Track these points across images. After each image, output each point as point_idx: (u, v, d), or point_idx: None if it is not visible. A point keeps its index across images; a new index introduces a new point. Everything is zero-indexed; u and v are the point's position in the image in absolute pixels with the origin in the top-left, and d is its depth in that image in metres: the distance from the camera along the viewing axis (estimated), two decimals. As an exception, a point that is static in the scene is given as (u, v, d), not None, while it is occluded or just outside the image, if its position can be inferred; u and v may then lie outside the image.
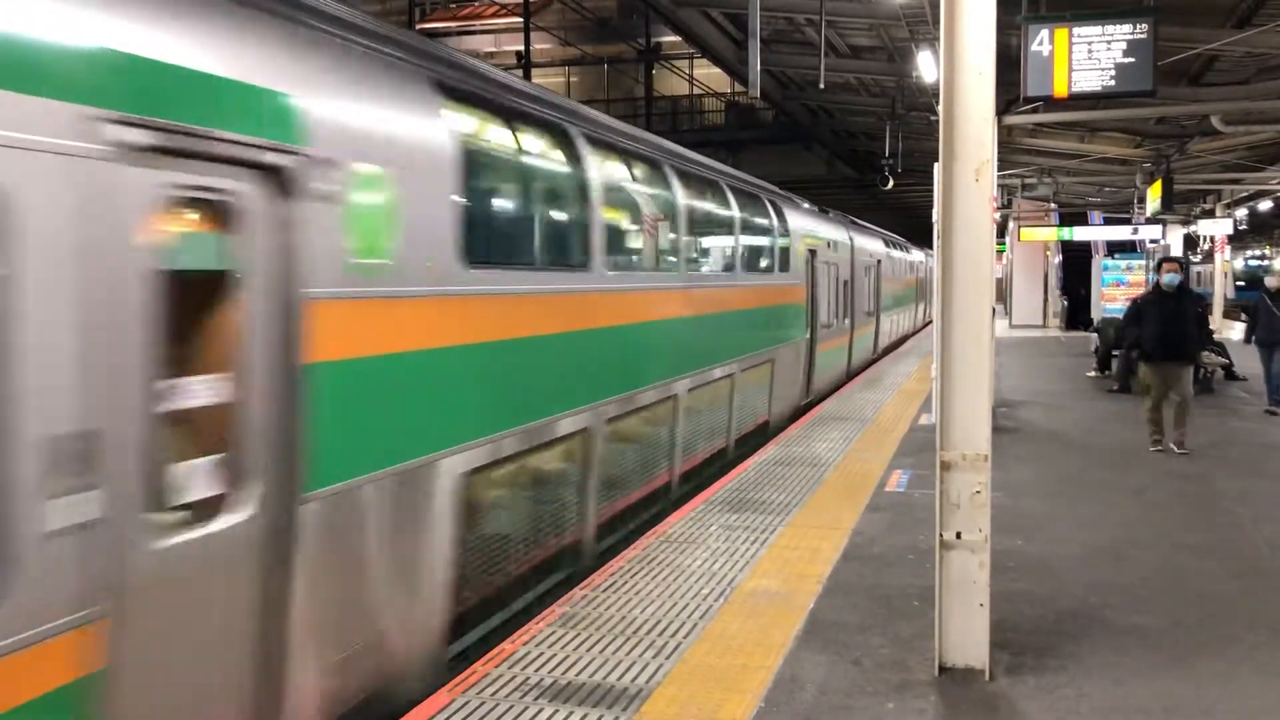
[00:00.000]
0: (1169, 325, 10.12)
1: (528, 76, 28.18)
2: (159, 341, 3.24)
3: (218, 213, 3.58)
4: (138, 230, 3.14)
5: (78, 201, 2.93)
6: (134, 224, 3.13)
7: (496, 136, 6.11)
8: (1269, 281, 13.43)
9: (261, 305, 3.68)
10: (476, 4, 36.25)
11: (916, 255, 29.84)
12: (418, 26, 33.56)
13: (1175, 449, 10.04)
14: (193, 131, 3.34)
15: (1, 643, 2.72)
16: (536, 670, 4.68)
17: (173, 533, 3.33)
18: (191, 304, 3.49)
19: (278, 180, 3.76)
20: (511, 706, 4.31)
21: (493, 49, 35.88)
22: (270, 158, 3.71)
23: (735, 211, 10.57)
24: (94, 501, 2.99)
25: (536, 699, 4.38)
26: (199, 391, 3.51)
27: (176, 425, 3.40)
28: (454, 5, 36.99)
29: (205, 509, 3.50)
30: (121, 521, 3.09)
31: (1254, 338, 13.71)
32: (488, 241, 5.55)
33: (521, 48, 28.59)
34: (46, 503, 2.85)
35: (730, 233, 10.51)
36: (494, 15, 34.54)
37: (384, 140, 4.44)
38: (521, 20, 27.55)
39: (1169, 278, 10.36)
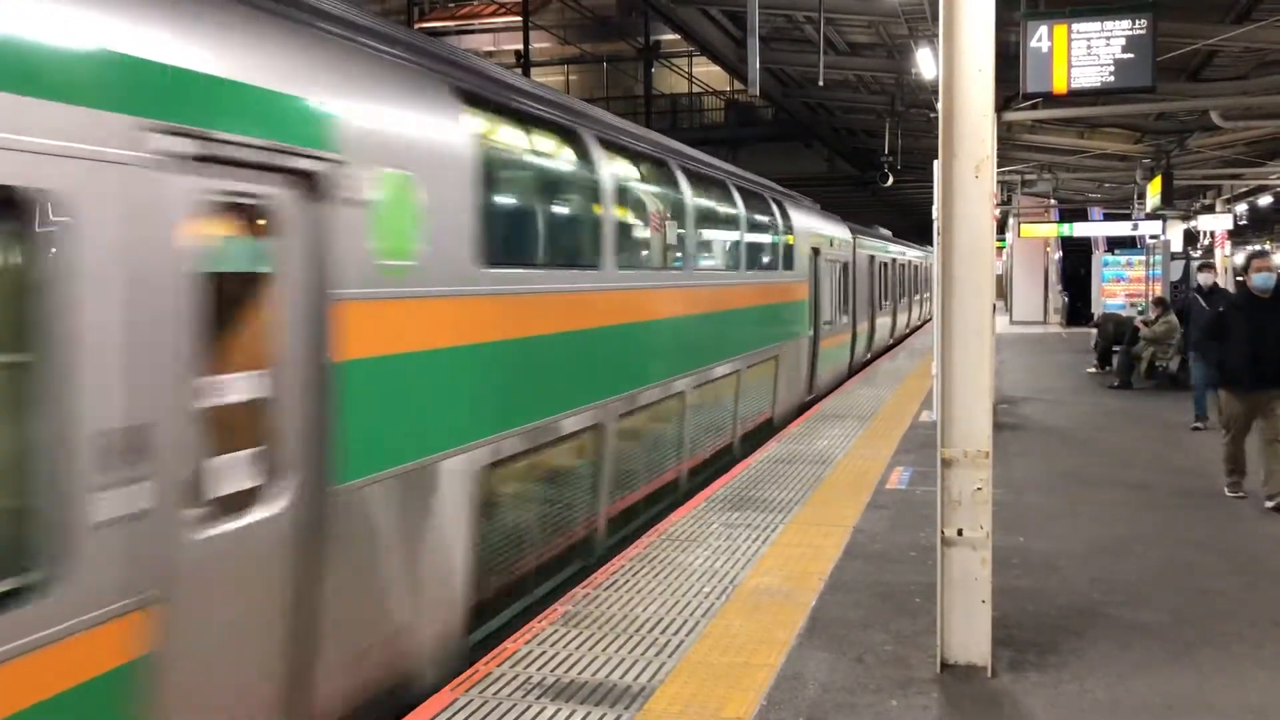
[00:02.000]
0: (1266, 341, 7.71)
1: (527, 75, 28.20)
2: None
3: (254, 216, 3.59)
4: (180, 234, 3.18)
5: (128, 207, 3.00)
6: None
7: (512, 138, 5.88)
8: (1202, 279, 11.65)
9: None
10: (475, 3, 36.24)
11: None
12: (416, 25, 33.57)
13: (1267, 503, 7.69)
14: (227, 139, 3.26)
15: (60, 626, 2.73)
16: (539, 669, 4.69)
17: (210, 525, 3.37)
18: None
19: (309, 184, 3.74)
20: (514, 705, 4.31)
21: (492, 48, 35.87)
22: (301, 163, 3.71)
23: None
24: (142, 493, 3.11)
25: (539, 698, 4.38)
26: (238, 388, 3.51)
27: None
28: (453, 4, 36.99)
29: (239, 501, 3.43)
30: (164, 513, 3.20)
31: (1191, 343, 11.80)
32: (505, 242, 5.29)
33: (520, 46, 28.61)
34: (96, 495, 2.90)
35: None
36: (493, 14, 34.53)
37: (406, 145, 4.38)
38: (520, 19, 27.55)
39: (1260, 278, 7.87)
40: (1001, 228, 30.21)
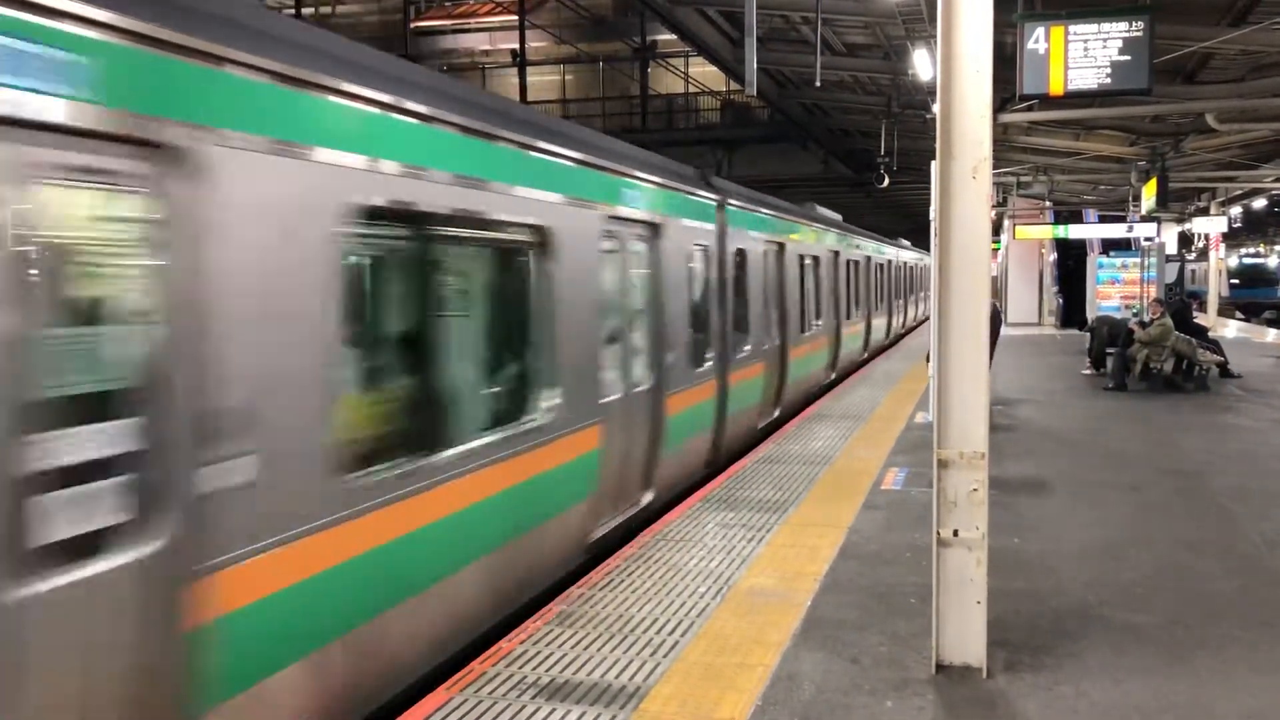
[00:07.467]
0: None
1: (523, 75, 28.20)
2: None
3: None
4: None
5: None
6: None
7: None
8: None
9: None
10: (471, 2, 36.17)
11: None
12: (412, 25, 33.54)
13: None
14: None
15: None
16: (534, 669, 4.68)
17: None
18: None
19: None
20: (509, 705, 4.30)
21: (488, 47, 35.84)
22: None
23: None
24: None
25: (534, 697, 4.37)
26: None
27: None
28: (448, 3, 36.93)
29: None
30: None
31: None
32: None
33: (516, 46, 28.59)
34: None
35: None
36: (488, 13, 34.47)
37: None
38: (516, 18, 27.53)
39: None
40: (996, 229, 30.25)
